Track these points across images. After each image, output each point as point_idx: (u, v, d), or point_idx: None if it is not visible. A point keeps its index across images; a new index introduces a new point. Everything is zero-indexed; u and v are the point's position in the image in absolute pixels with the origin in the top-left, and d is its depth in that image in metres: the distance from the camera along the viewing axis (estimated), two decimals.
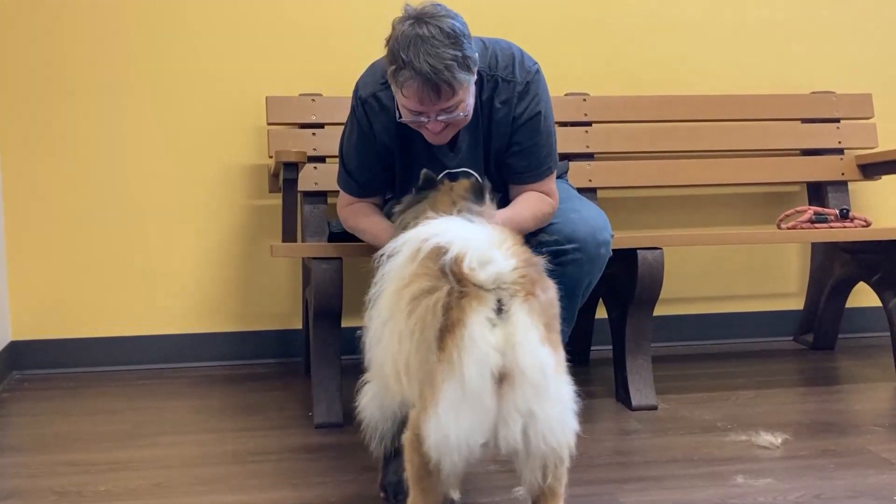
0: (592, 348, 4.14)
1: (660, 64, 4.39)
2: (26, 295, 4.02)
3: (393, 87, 2.73)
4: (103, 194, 4.03)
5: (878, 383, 3.76)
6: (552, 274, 2.79)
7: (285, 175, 3.30)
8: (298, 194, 3.60)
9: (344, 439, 3.05)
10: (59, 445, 3.04)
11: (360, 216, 3.08)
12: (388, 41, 2.69)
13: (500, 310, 1.94)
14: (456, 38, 2.62)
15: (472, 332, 1.91)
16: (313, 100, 3.93)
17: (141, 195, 4.05)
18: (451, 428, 1.90)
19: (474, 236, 2.03)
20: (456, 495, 2.41)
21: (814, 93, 4.41)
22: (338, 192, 3.79)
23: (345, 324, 3.24)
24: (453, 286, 1.96)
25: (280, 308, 4.18)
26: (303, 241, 3.80)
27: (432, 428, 1.93)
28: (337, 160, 3.17)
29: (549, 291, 2.10)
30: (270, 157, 3.81)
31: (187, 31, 4.05)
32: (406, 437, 2.08)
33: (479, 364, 1.89)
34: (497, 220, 2.63)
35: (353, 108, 3.01)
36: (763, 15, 4.49)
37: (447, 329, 1.94)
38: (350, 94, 3.05)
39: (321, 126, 3.91)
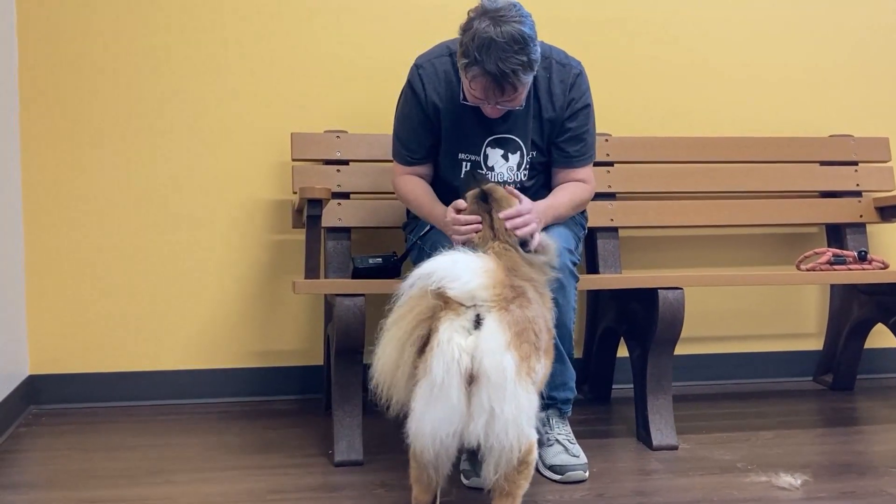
0: (613, 387, 4.14)
1: (681, 106, 4.42)
2: (45, 329, 4.01)
3: (461, 74, 3.01)
4: (124, 229, 4.04)
5: None
6: None
7: (309, 211, 3.31)
8: (322, 230, 3.61)
9: (365, 478, 3.03)
10: (75, 482, 3.01)
11: (409, 185, 3.32)
12: (462, 30, 2.94)
13: (478, 322, 2.29)
14: (525, 43, 2.87)
15: (441, 338, 2.26)
16: (338, 136, 3.94)
17: (163, 229, 4.06)
18: (425, 420, 2.25)
19: (448, 262, 2.35)
20: None
21: (832, 136, 4.43)
22: (361, 227, 3.83)
23: (367, 361, 3.21)
24: (436, 303, 2.31)
25: (301, 344, 4.17)
26: (325, 278, 3.81)
27: (411, 421, 2.31)
28: (363, 195, 3.29)
29: (528, 310, 2.43)
30: (294, 192, 3.81)
31: (212, 67, 4.08)
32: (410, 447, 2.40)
33: (446, 364, 2.22)
34: (540, 207, 2.99)
35: (409, 78, 3.27)
36: (783, 60, 4.53)
37: (428, 338, 2.30)
38: (374, 131, 3.19)
39: (346, 163, 3.93)
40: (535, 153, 3.26)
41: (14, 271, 3.84)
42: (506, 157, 3.23)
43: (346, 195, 3.89)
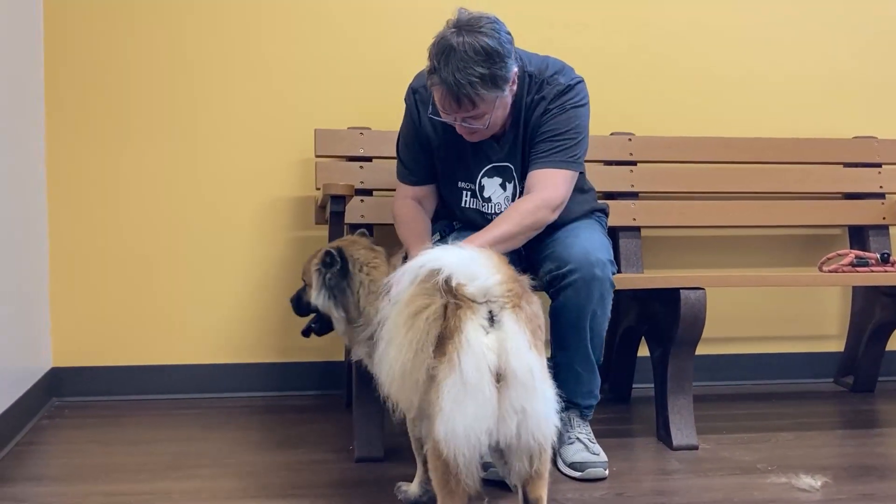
0: (634, 386, 4.13)
1: (705, 107, 4.41)
2: (67, 322, 4.04)
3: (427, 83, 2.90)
4: (146, 224, 4.06)
5: None
6: (555, 302, 2.89)
7: (332, 207, 3.32)
8: (345, 227, 3.62)
9: (385, 474, 3.04)
10: (96, 475, 3.03)
11: (403, 215, 3.19)
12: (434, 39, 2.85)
13: (491, 319, 2.23)
14: (488, 55, 2.75)
15: (468, 336, 2.19)
16: (362, 133, 3.95)
17: (186, 225, 4.08)
18: (458, 420, 2.15)
19: (461, 258, 2.30)
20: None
21: (856, 137, 4.41)
22: (383, 224, 3.84)
23: None
24: (448, 300, 2.24)
25: (322, 340, 4.09)
26: None
27: (441, 423, 2.18)
28: (385, 191, 3.44)
29: (533, 305, 2.41)
30: (318, 189, 3.83)
31: (238, 65, 4.10)
32: (428, 448, 2.32)
33: (476, 360, 2.17)
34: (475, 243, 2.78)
35: (406, 101, 3.21)
36: (807, 63, 4.51)
37: (447, 336, 2.22)
38: (397, 129, 3.29)
39: (369, 159, 3.93)
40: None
41: (38, 265, 3.87)
42: (503, 187, 3.16)
43: (368, 192, 3.90)
